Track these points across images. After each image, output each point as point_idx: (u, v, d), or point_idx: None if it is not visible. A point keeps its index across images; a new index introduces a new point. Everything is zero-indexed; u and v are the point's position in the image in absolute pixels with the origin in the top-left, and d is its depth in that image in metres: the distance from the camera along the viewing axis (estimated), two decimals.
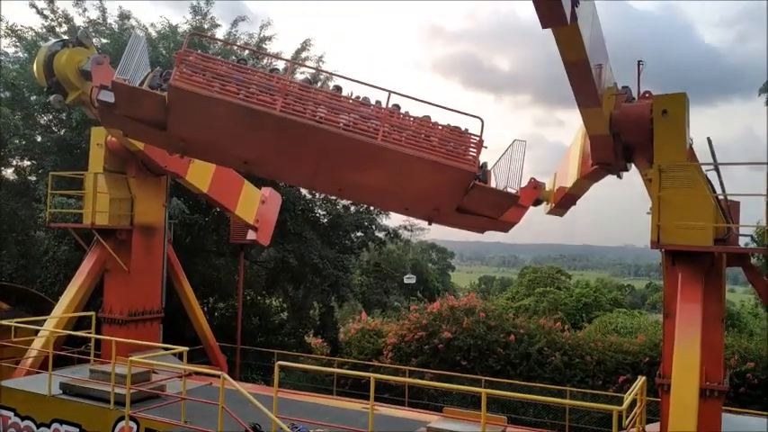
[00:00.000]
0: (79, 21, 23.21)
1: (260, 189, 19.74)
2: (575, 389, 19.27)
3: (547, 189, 13.37)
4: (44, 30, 22.77)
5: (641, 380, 10.37)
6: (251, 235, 19.76)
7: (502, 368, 22.40)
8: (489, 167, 12.17)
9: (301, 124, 11.10)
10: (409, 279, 46.60)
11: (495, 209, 12.07)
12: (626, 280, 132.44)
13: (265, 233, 19.73)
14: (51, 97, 14.51)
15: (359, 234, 26.75)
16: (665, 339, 11.66)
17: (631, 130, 11.62)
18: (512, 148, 11.81)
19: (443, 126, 11.74)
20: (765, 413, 14.75)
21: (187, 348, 12.52)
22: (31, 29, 22.89)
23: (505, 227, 12.90)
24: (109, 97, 11.84)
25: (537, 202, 13.08)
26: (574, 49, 9.41)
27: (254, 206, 19.04)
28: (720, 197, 11.40)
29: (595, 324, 33.26)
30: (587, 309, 45.73)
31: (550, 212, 13.82)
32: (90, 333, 15.13)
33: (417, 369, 21.02)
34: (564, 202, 13.46)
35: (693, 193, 10.83)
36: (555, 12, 8.15)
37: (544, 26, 8.57)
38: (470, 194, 11.57)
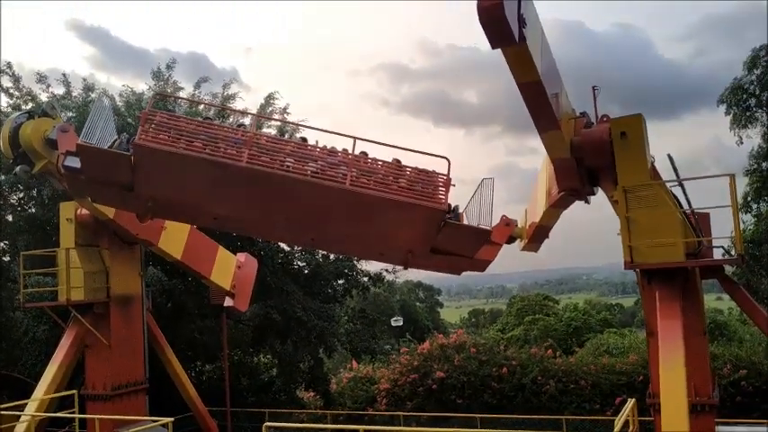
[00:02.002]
0: (44, 97, 23.31)
1: (236, 254, 19.47)
2: (572, 416, 19.10)
3: (519, 226, 13.40)
4: (10, 108, 22.79)
5: (631, 402, 10.31)
6: (228, 302, 19.20)
7: (498, 402, 22.20)
8: (461, 210, 12.23)
9: (269, 174, 11.12)
10: (396, 321, 46.34)
11: (468, 247, 12.09)
12: (614, 299, 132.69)
13: (243, 299, 19.27)
14: (17, 168, 14.37)
15: (341, 282, 26.63)
16: (651, 358, 11.65)
17: (593, 155, 11.81)
18: (481, 186, 11.92)
19: (411, 168, 11.84)
20: (764, 421, 14.69)
21: (172, 419, 12.22)
22: None
23: (481, 265, 12.80)
24: (75, 162, 11.81)
25: (511, 240, 13.04)
26: (526, 70, 9.64)
27: (230, 272, 18.69)
28: (687, 211, 11.55)
29: (587, 347, 33.21)
30: (578, 332, 45.71)
31: (525, 249, 13.86)
32: (73, 413, 14.73)
33: (412, 414, 20.74)
34: (536, 235, 13.52)
35: (660, 210, 10.96)
36: (502, 32, 8.46)
37: (493, 46, 8.87)
38: (442, 233, 11.60)
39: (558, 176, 12.28)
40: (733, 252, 12.14)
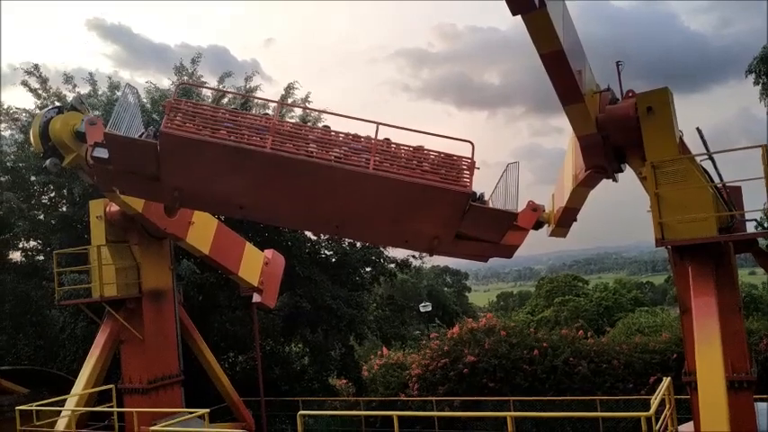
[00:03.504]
0: (71, 97, 23.60)
1: (263, 251, 19.55)
2: (605, 397, 18.93)
3: (546, 211, 13.21)
4: (38, 109, 23.15)
5: (666, 381, 10.19)
6: (256, 298, 19.30)
7: (530, 385, 22.08)
8: (487, 197, 12.12)
9: (292, 160, 11.15)
10: (425, 307, 46.37)
11: (494, 231, 11.97)
12: (645, 277, 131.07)
13: (270, 295, 19.36)
14: (47, 161, 14.62)
15: (368, 269, 26.67)
16: (686, 335, 11.48)
17: (619, 131, 11.61)
18: (506, 172, 11.82)
19: (435, 153, 11.78)
20: None
21: (208, 410, 12.41)
22: (26, 111, 23.32)
23: (508, 251, 12.62)
24: (103, 153, 12.02)
25: (538, 225, 12.86)
26: (548, 38, 9.53)
27: (258, 268, 18.75)
28: (719, 185, 11.32)
29: (618, 327, 32.97)
30: (609, 312, 45.36)
31: (552, 234, 13.66)
32: (111, 407, 15.04)
33: (444, 398, 20.75)
34: (564, 219, 13.28)
35: (690, 185, 10.75)
36: None
37: (514, 13, 8.81)
38: (467, 218, 11.53)
39: (585, 154, 12.10)
40: (766, 225, 11.88)
